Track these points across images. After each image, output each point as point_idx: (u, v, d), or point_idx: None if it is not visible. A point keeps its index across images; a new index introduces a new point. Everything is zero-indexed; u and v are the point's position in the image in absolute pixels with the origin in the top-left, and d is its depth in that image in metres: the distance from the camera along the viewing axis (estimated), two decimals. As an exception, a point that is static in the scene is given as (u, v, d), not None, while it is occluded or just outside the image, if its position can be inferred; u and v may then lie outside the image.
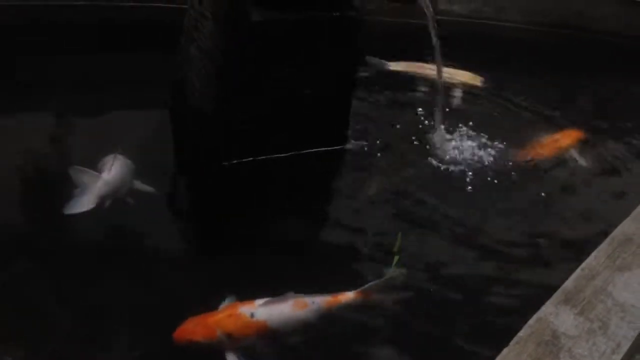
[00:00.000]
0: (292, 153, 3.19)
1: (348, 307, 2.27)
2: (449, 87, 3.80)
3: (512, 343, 1.61)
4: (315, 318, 2.21)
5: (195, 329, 2.10)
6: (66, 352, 2.13)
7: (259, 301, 2.18)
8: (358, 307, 2.28)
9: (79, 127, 3.05)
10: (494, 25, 5.01)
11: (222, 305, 2.21)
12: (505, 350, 1.60)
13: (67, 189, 2.63)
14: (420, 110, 3.66)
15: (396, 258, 2.53)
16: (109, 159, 2.71)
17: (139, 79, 3.55)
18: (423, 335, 2.33)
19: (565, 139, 3.63)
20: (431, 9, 3.26)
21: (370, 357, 2.28)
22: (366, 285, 2.30)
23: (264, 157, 3.15)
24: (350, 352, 2.27)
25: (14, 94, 3.30)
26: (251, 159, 3.13)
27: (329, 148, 3.28)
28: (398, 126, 3.55)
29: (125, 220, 2.67)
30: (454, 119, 3.56)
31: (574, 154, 3.54)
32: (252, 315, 2.13)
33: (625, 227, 2.15)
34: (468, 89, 4.08)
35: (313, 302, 2.22)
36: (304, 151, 3.22)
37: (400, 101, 3.89)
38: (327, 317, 2.23)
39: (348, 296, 2.28)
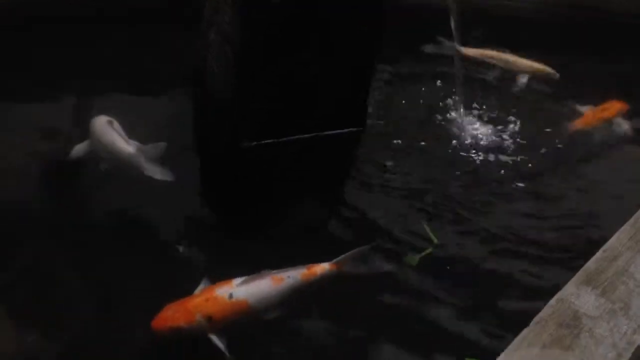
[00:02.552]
0: (312, 135, 3.19)
1: (324, 278, 2.28)
2: (521, 75, 3.72)
3: (532, 323, 1.60)
4: (293, 292, 2.22)
5: (174, 315, 2.07)
6: (84, 328, 2.17)
7: (236, 281, 2.17)
8: (334, 278, 2.29)
9: (98, 110, 3.07)
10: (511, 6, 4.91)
11: (198, 289, 2.20)
12: (525, 331, 1.59)
13: (85, 169, 2.67)
14: (442, 87, 3.64)
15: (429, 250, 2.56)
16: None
17: (160, 62, 3.56)
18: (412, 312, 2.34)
19: (609, 110, 3.62)
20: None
21: (352, 330, 2.29)
22: (340, 257, 2.31)
23: (283, 139, 3.15)
24: (331, 323, 2.28)
25: (33, 78, 3.33)
26: (270, 141, 3.14)
27: (348, 130, 3.27)
28: (422, 107, 3.53)
29: (143, 199, 2.70)
30: (491, 100, 3.53)
31: (619, 124, 3.52)
32: (230, 296, 2.12)
33: (648, 209, 2.11)
34: (540, 78, 3.94)
35: (289, 277, 2.23)
36: (324, 133, 3.22)
37: (427, 81, 3.84)
38: (305, 290, 2.24)
39: (323, 267, 2.29)
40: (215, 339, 2.05)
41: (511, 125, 3.43)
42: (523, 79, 3.74)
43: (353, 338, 2.28)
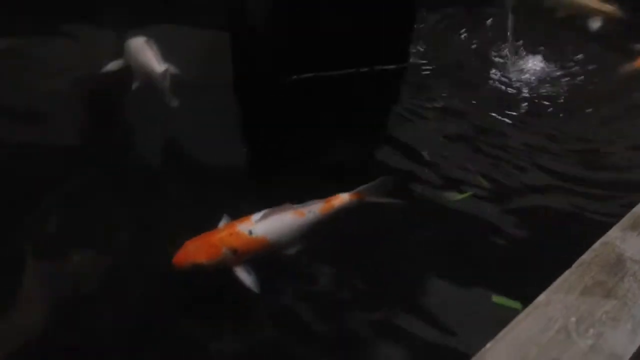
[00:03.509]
0: (352, 70, 3.12)
1: (344, 209, 2.24)
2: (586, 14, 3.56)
3: (574, 265, 1.56)
4: (314, 225, 2.19)
5: (196, 251, 2.05)
6: (126, 256, 2.21)
7: (256, 216, 2.14)
8: (354, 209, 2.24)
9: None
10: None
11: (220, 225, 2.19)
12: (566, 273, 1.55)
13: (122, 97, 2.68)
14: (493, 31, 3.49)
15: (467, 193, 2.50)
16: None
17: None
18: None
19: None
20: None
21: (374, 262, 2.25)
22: (361, 187, 2.27)
23: (322, 74, 3.09)
24: (352, 255, 2.26)
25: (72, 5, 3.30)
26: (309, 75, 3.08)
27: (390, 66, 3.18)
28: (471, 46, 3.40)
29: (181, 132, 2.71)
30: (548, 44, 3.38)
31: None
32: (250, 232, 2.10)
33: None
34: (607, 18, 3.76)
35: (309, 210, 2.20)
36: (365, 68, 3.14)
37: (479, 21, 3.69)
38: (326, 223, 2.21)
39: (342, 199, 2.24)
40: (240, 273, 2.05)
41: (568, 65, 3.29)
42: (594, 23, 3.56)
43: (378, 271, 2.26)
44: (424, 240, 2.34)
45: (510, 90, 3.14)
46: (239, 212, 2.20)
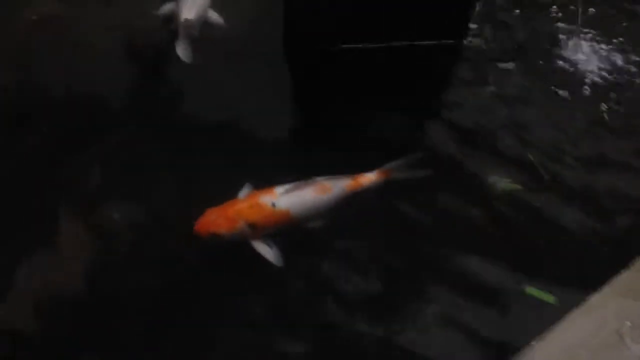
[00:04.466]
0: (406, 43, 2.99)
1: (371, 188, 2.13)
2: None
3: (634, 267, 1.45)
4: (339, 201, 2.09)
5: (216, 220, 1.99)
6: (163, 209, 2.17)
7: (280, 189, 2.06)
8: (381, 188, 2.13)
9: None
10: None
11: (241, 194, 2.09)
12: (624, 274, 1.44)
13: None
14: (557, 13, 3.29)
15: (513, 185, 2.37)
16: None
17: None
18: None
19: None
20: None
21: (400, 240, 2.14)
22: (388, 164, 2.15)
23: (374, 45, 2.97)
24: (376, 235, 2.15)
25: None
26: (361, 45, 2.96)
27: (445, 41, 3.04)
28: (535, 28, 3.21)
29: (224, 91, 2.64)
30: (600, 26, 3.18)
31: None
32: (273, 204, 2.02)
33: None
34: None
35: (335, 186, 2.10)
36: (418, 42, 3.01)
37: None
38: (352, 199, 2.10)
39: (369, 178, 2.16)
40: (260, 246, 1.99)
41: (629, 49, 3.07)
42: None
43: (409, 252, 2.12)
44: (461, 222, 2.23)
45: (574, 74, 2.95)
46: (270, 180, 2.09)
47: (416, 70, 2.95)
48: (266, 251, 1.98)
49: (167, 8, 2.77)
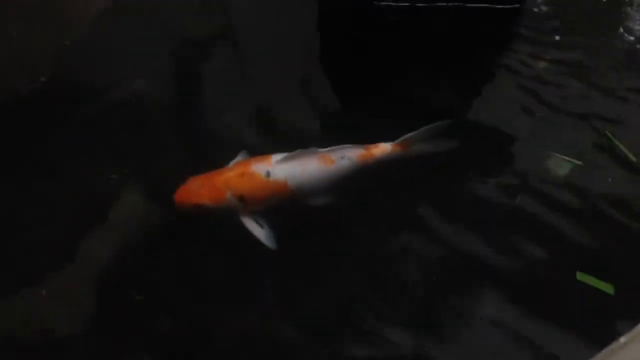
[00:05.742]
0: (455, 4, 2.72)
1: (385, 161, 1.87)
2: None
3: None
4: (348, 174, 1.83)
5: (200, 190, 1.75)
6: (170, 170, 2.00)
7: (277, 156, 1.79)
8: (395, 161, 1.89)
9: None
10: None
11: (233, 162, 1.85)
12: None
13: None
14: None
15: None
16: None
17: None
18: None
19: None
20: None
21: (412, 222, 1.91)
22: (405, 136, 1.88)
23: (421, 4, 2.72)
24: (386, 215, 1.92)
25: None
26: (407, 4, 2.72)
27: (499, 5, 2.75)
28: None
29: (257, 38, 2.48)
30: None
31: None
32: (267, 174, 1.76)
33: None
34: None
35: (342, 157, 1.82)
36: (469, 4, 2.73)
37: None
38: (361, 174, 1.85)
39: (383, 148, 1.87)
40: (250, 224, 1.74)
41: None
42: None
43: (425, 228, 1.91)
44: (500, 205, 1.98)
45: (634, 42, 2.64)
46: (299, 144, 1.84)
47: (467, 35, 2.71)
48: (257, 230, 1.74)
49: None
